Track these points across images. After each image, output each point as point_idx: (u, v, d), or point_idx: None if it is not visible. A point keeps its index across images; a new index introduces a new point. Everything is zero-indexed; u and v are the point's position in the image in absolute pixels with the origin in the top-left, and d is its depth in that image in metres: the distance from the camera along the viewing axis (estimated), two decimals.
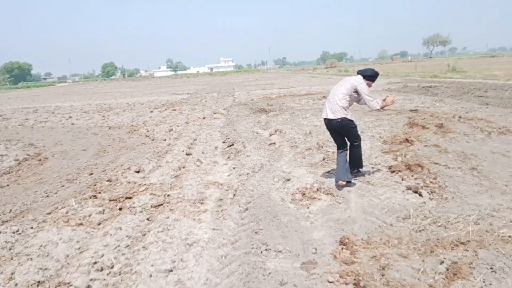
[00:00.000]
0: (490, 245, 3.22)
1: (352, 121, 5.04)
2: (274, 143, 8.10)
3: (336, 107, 4.93)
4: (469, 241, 3.28)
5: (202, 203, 4.81)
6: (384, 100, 5.02)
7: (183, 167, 6.57)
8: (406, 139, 7.32)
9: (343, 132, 5.10)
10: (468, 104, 11.62)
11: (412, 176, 5.23)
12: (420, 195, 4.53)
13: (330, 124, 5.07)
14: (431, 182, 4.95)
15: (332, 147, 7.23)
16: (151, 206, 4.73)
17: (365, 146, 7.16)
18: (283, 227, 4.00)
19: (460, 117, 9.63)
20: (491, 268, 2.92)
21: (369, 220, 4.03)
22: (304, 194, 4.82)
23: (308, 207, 4.49)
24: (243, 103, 16.97)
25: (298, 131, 9.10)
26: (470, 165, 5.57)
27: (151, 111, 15.92)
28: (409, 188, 4.73)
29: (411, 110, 11.30)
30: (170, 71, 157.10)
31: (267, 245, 3.59)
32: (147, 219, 4.39)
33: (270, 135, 8.95)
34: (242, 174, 5.86)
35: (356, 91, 4.98)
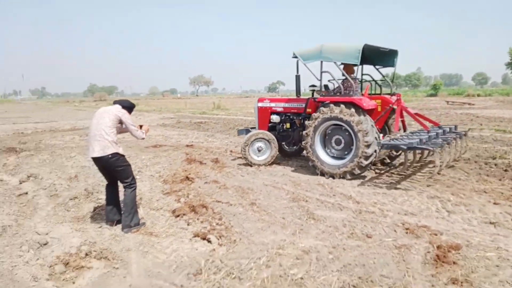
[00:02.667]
0: None
1: (124, 156, 4.56)
2: (26, 193, 6.25)
3: (104, 143, 4.36)
4: None
5: None
6: (141, 127, 4.80)
7: None
8: (187, 177, 7.01)
9: (114, 171, 4.58)
10: (235, 139, 12.63)
11: (198, 219, 4.81)
12: (209, 241, 4.11)
13: (100, 163, 4.53)
14: (217, 224, 4.65)
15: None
16: None
17: (145, 187, 6.41)
18: None
19: (231, 151, 10.23)
20: None
21: (155, 285, 3.27)
22: (67, 263, 3.60)
23: (73, 282, 3.33)
24: None
25: (60, 174, 7.46)
26: (249, 200, 5.66)
27: None
28: (196, 235, 4.25)
29: (187, 145, 11.33)
30: None
31: None
32: None
33: (20, 183, 6.94)
34: None
35: (120, 122, 4.51)
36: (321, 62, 7.32)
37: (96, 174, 7.40)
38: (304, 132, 7.43)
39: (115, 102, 4.73)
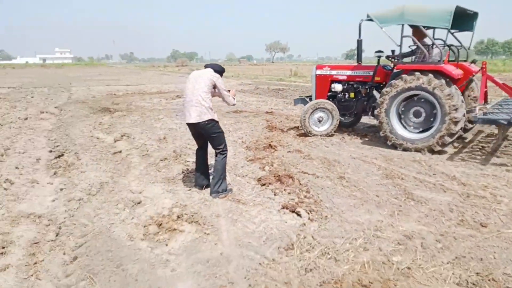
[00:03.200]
0: (396, 286, 2.69)
1: (218, 123, 4.44)
2: (120, 152, 6.60)
3: (201, 109, 4.23)
4: (371, 283, 2.70)
5: (2, 252, 3.15)
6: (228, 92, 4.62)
7: None
8: (269, 145, 6.85)
9: (209, 137, 4.47)
10: None
11: (285, 190, 4.61)
12: (299, 214, 3.89)
13: (196, 129, 4.40)
14: (305, 197, 4.41)
15: (192, 156, 6.20)
16: None
17: (229, 153, 6.34)
18: (132, 283, 2.79)
19: None
20: None
21: (246, 256, 3.15)
22: (160, 225, 3.65)
23: (167, 244, 3.35)
24: (82, 100, 14.45)
25: (150, 135, 7.77)
26: (337, 173, 5.32)
27: None
28: (285, 207, 4.06)
29: (267, 112, 11.18)
30: None
31: None
32: None
33: (115, 141, 7.37)
34: (73, 200, 4.30)
35: (214, 87, 4.36)
36: (402, 25, 6.49)
37: (183, 137, 7.60)
38: (379, 100, 6.75)
39: (206, 66, 4.57)
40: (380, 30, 6.80)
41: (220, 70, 4.53)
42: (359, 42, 7.25)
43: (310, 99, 8.22)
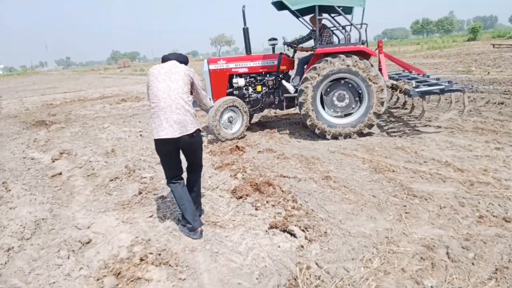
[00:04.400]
0: None
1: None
2: (60, 174, 5.51)
3: (185, 117, 3.13)
4: None
5: None
6: None
7: None
8: (236, 146, 6.07)
9: (193, 154, 3.38)
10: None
11: (267, 202, 3.87)
12: (292, 234, 3.17)
13: (175, 145, 3.18)
14: (293, 208, 3.71)
15: (148, 169, 5.28)
16: None
17: None
18: None
19: (275, 112, 9.16)
20: None
21: None
22: (119, 274, 2.77)
23: None
24: (13, 115, 12.72)
25: (95, 149, 6.69)
26: (320, 173, 4.67)
27: None
28: (274, 226, 3.32)
29: None
30: None
31: None
32: None
33: (53, 161, 6.22)
34: (0, 249, 3.28)
35: (191, 85, 3.32)
36: (316, 6, 6.00)
37: (134, 147, 6.62)
38: (301, 87, 6.21)
39: (166, 58, 3.39)
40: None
41: (185, 61, 3.45)
42: (246, 31, 6.76)
43: None
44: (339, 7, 6.13)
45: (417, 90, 6.02)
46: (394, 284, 2.44)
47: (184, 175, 3.45)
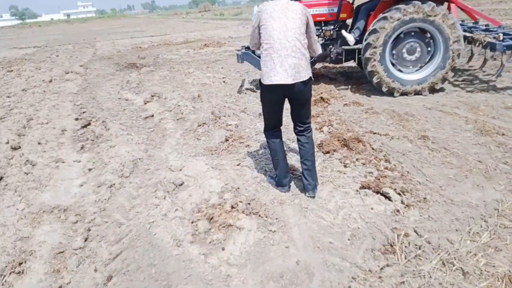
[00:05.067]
0: None
1: None
2: (152, 116, 5.82)
3: (301, 61, 2.80)
4: None
5: (20, 271, 2.50)
6: None
7: None
8: (320, 97, 5.82)
9: (304, 104, 3.03)
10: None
11: (357, 159, 3.69)
12: (387, 197, 3.00)
13: (287, 93, 2.90)
14: (386, 168, 3.49)
15: (233, 117, 5.33)
16: None
17: None
18: None
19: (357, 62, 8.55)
20: None
21: (332, 265, 2.34)
22: (212, 218, 2.87)
23: (223, 248, 2.59)
24: (107, 56, 13.63)
25: (183, 94, 6.90)
26: (415, 131, 4.31)
27: None
28: (366, 187, 3.15)
29: None
30: (16, 19, 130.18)
31: None
32: None
33: (145, 103, 6.57)
34: (103, 185, 3.59)
35: (307, 26, 2.94)
36: None
37: (218, 93, 6.71)
38: (369, 40, 5.50)
39: None
40: None
41: None
42: None
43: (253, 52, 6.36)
44: None
45: (504, 44, 5.25)
46: (508, 263, 2.19)
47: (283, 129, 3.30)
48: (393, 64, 5.74)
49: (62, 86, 8.64)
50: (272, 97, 2.95)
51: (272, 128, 3.19)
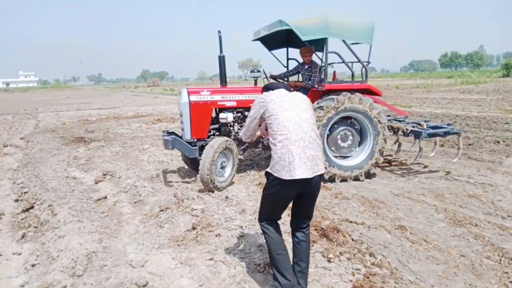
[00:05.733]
0: None
1: None
2: (105, 198, 5.27)
3: (317, 152, 2.65)
4: None
5: None
6: None
7: None
8: None
9: (313, 200, 2.80)
10: None
11: (340, 253, 3.45)
12: None
13: (302, 188, 2.62)
14: (372, 264, 3.28)
15: (198, 200, 4.94)
16: None
17: (241, 193, 5.16)
18: None
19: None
20: None
21: None
22: None
23: None
24: (51, 129, 12.84)
25: (139, 172, 6.45)
26: (390, 220, 4.23)
27: None
28: None
29: None
30: None
31: None
32: None
33: (96, 182, 6.01)
34: (50, 286, 2.96)
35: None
36: (326, 39, 5.64)
37: (179, 173, 6.34)
38: None
39: (274, 87, 2.92)
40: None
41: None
42: (222, 59, 5.90)
43: (179, 137, 5.86)
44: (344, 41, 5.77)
45: (428, 132, 5.97)
46: None
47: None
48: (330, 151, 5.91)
49: (0, 161, 7.78)
50: (288, 192, 2.66)
51: (271, 219, 2.89)
